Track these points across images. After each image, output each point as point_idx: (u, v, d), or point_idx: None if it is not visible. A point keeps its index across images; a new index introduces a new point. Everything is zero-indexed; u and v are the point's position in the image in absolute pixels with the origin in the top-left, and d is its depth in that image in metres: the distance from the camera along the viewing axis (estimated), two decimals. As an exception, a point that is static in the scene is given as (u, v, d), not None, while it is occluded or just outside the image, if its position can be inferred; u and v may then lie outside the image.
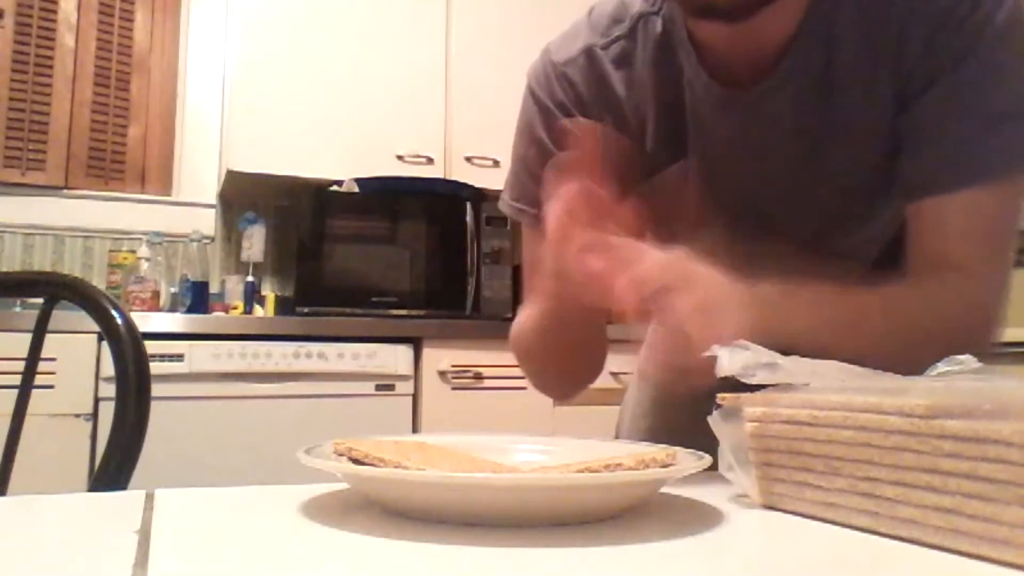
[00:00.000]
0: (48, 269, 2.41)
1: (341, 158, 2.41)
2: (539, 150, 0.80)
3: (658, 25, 0.74)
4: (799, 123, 0.71)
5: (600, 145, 0.60)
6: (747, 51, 0.69)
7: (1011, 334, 2.37)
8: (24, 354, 0.96)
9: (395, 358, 2.11)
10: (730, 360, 0.46)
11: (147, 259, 2.29)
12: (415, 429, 2.13)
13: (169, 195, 2.63)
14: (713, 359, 0.49)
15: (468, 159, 2.49)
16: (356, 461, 0.43)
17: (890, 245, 0.77)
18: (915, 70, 0.67)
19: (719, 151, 0.74)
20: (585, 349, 0.83)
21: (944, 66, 0.65)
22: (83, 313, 0.92)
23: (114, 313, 0.90)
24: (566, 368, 0.85)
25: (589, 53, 0.77)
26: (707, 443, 0.50)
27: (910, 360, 0.49)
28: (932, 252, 0.67)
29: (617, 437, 0.97)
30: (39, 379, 0.97)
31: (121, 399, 0.87)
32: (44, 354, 0.98)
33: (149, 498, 0.47)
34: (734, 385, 0.48)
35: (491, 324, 2.25)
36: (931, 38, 0.65)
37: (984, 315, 0.69)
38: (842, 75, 0.68)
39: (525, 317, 0.82)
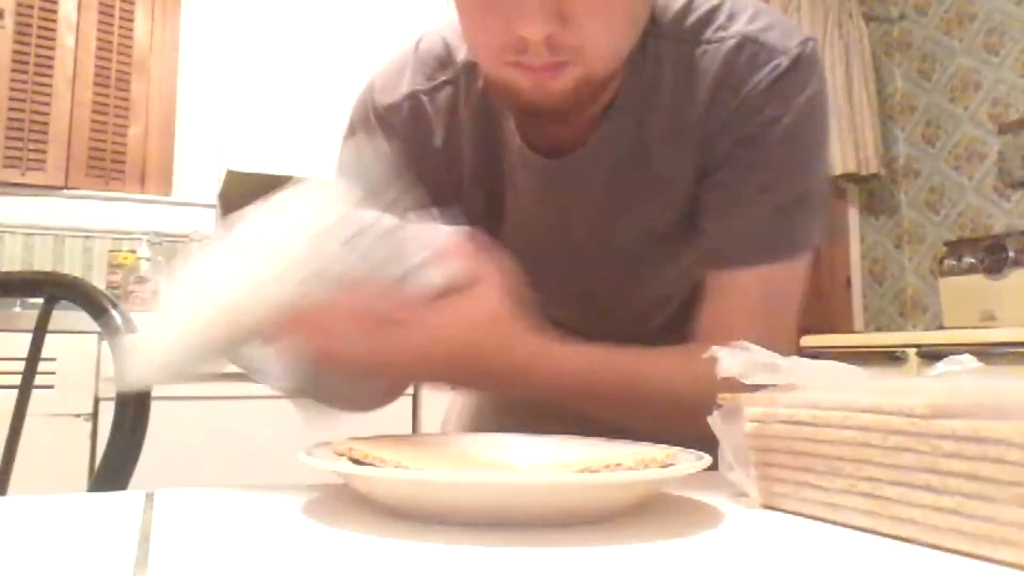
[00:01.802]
0: (48, 269, 2.41)
1: (341, 158, 2.40)
2: None
3: (480, 79, 0.73)
4: (606, 188, 0.72)
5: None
6: (559, 127, 0.69)
7: (1011, 334, 2.36)
8: (24, 354, 0.96)
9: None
10: (730, 360, 0.46)
11: (147, 259, 2.30)
12: (415, 429, 2.13)
13: (169, 195, 2.63)
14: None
15: (468, 159, 2.50)
16: (356, 461, 0.43)
17: (681, 306, 0.79)
18: (715, 146, 0.69)
19: (527, 206, 0.75)
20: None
21: (740, 148, 0.68)
22: (83, 313, 0.92)
23: (114, 313, 0.90)
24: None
25: (413, 99, 0.75)
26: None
27: (660, 424, 0.53)
28: (718, 323, 0.69)
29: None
30: (39, 379, 0.97)
31: (121, 399, 0.87)
32: (44, 354, 0.98)
33: (149, 498, 0.47)
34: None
35: (491, 324, 2.25)
36: (731, 118, 0.68)
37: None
38: (652, 145, 0.70)
39: None
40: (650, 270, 0.78)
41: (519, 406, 0.69)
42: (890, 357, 2.35)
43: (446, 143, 0.75)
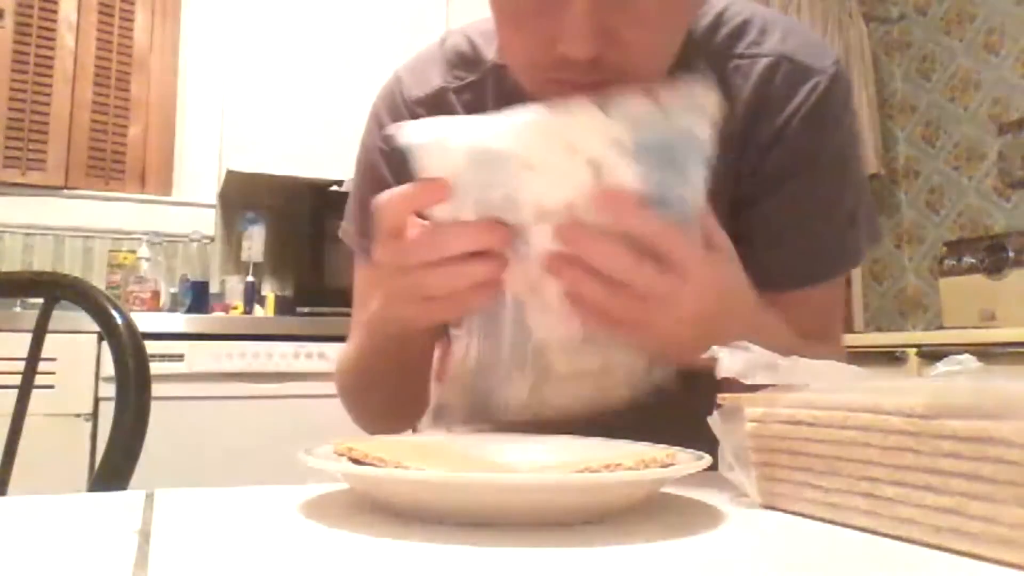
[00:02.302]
0: (48, 269, 2.41)
1: (341, 158, 2.40)
2: (380, 189, 0.76)
3: (509, 79, 0.72)
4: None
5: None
6: None
7: (1011, 334, 2.36)
8: (24, 354, 0.96)
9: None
10: (730, 360, 0.46)
11: (147, 259, 2.30)
12: (415, 429, 2.13)
13: (169, 195, 2.63)
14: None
15: (468, 159, 2.49)
16: (356, 461, 0.43)
17: None
18: (759, 167, 0.70)
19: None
20: (407, 382, 0.77)
21: (790, 173, 0.69)
22: (83, 313, 0.92)
23: (114, 313, 0.90)
24: (386, 407, 0.81)
25: (441, 95, 0.75)
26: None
27: None
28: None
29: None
30: (39, 379, 0.97)
31: (121, 399, 0.87)
32: (44, 354, 0.98)
33: (149, 498, 0.47)
34: None
35: (491, 324, 2.25)
36: (774, 140, 0.68)
37: None
38: None
39: (347, 354, 0.79)
40: None
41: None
42: (890, 357, 2.35)
43: None
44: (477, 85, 0.74)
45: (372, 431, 0.86)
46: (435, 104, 0.75)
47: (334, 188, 2.39)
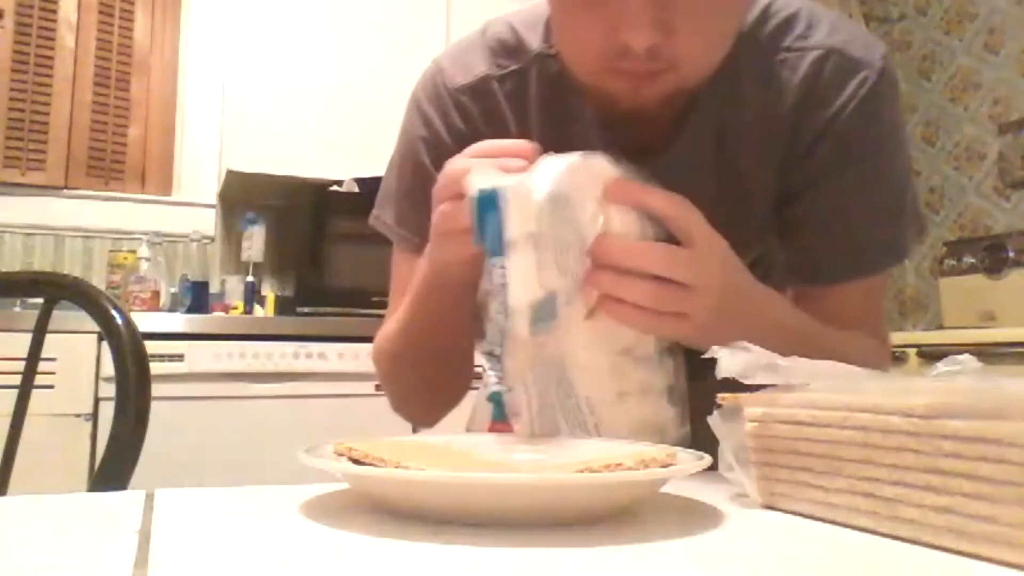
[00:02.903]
0: (48, 269, 2.41)
1: (341, 158, 2.41)
2: (422, 179, 0.76)
3: (553, 68, 0.73)
4: (689, 192, 0.72)
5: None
6: (642, 128, 0.69)
7: (1011, 334, 2.35)
8: (24, 354, 0.96)
9: (395, 358, 2.11)
10: (730, 361, 0.46)
11: (147, 259, 2.30)
12: (415, 429, 2.13)
13: (169, 195, 2.63)
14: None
15: (468, 159, 2.49)
16: (356, 461, 0.43)
17: None
18: (808, 160, 0.70)
19: None
20: (449, 360, 0.79)
21: (840, 166, 0.69)
22: (83, 313, 0.93)
23: (114, 313, 0.90)
24: (429, 383, 0.82)
25: (486, 83, 0.75)
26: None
27: None
28: (836, 324, 0.70)
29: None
30: (39, 379, 0.97)
31: (121, 399, 0.87)
32: (44, 354, 0.98)
33: (149, 498, 0.47)
34: None
35: (491, 324, 2.25)
36: (824, 133, 0.69)
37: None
38: (734, 152, 0.71)
39: (388, 330, 0.80)
40: None
41: None
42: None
43: (516, 131, 0.74)
44: (520, 74, 0.74)
45: (413, 415, 0.88)
46: (478, 92, 0.75)
47: (334, 188, 2.39)
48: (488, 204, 0.52)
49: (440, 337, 0.75)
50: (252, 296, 2.45)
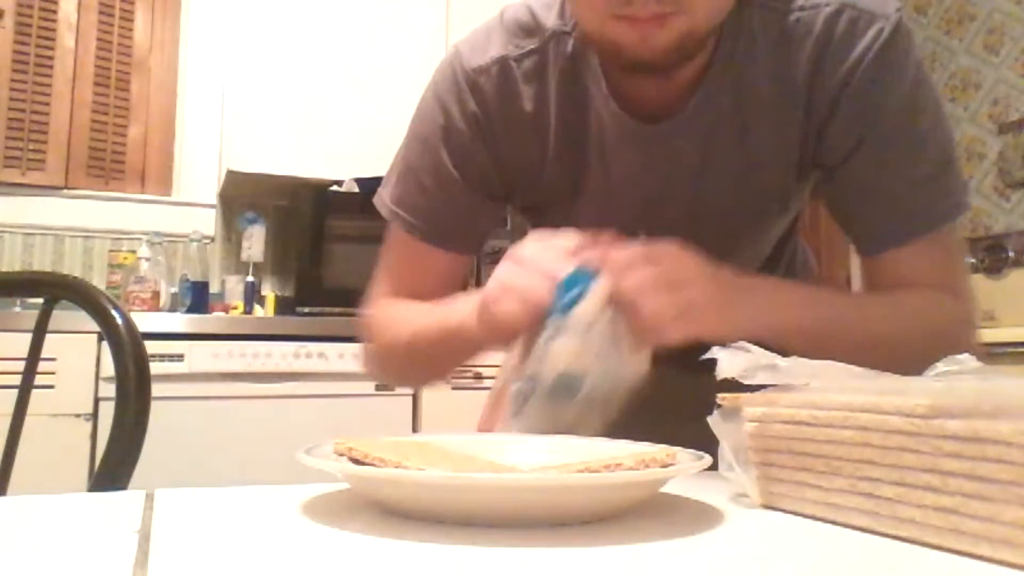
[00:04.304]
0: (48, 269, 2.41)
1: (341, 158, 2.41)
2: (433, 165, 0.78)
3: (569, 45, 0.73)
4: (704, 158, 0.72)
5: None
6: (658, 88, 0.70)
7: (1011, 334, 2.35)
8: (24, 354, 0.96)
9: (395, 358, 2.11)
10: (730, 362, 0.46)
11: (147, 259, 2.29)
12: (415, 429, 2.13)
13: (169, 195, 2.63)
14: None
15: (468, 159, 2.49)
16: (356, 461, 0.43)
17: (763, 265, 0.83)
18: (828, 130, 0.69)
19: (620, 177, 0.75)
20: (447, 369, 0.83)
21: (868, 126, 0.68)
22: (83, 313, 0.92)
23: (114, 313, 0.90)
24: (434, 373, 0.85)
25: (502, 64, 0.75)
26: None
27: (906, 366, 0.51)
28: (908, 285, 0.70)
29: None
30: (39, 379, 0.97)
31: (121, 399, 0.87)
32: (44, 354, 0.98)
33: (149, 498, 0.47)
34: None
35: (491, 324, 2.25)
36: (842, 90, 0.68)
37: (971, 327, 0.73)
38: (753, 118, 0.70)
39: (392, 321, 0.80)
40: (738, 243, 0.79)
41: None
42: (890, 357, 2.34)
43: (534, 111, 0.75)
44: (538, 52, 0.74)
45: (389, 379, 0.95)
46: (496, 73, 0.75)
47: (334, 188, 2.39)
48: (577, 279, 0.58)
49: (448, 362, 0.79)
50: (252, 296, 2.45)
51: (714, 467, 0.47)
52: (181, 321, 2.01)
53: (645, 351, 0.59)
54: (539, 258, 0.60)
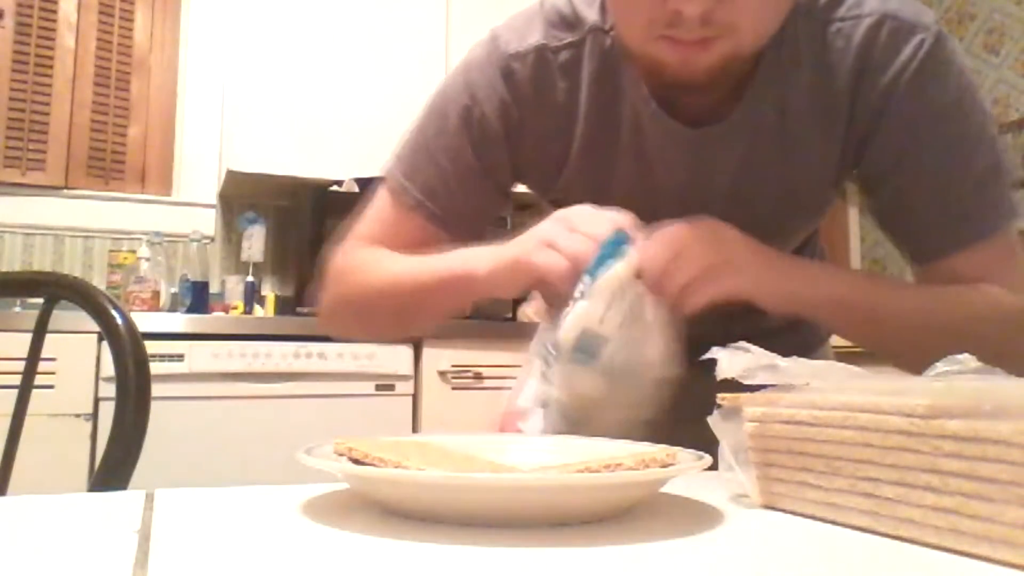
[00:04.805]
0: (48, 269, 2.41)
1: (341, 158, 2.41)
2: (451, 145, 0.76)
3: (607, 43, 0.73)
4: (745, 163, 0.72)
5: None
6: (700, 95, 0.69)
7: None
8: (24, 354, 0.96)
9: (395, 358, 2.11)
10: (730, 362, 0.46)
11: (147, 259, 2.29)
12: (415, 429, 2.13)
13: (169, 195, 2.63)
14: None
15: (468, 159, 2.49)
16: (356, 461, 0.43)
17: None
18: (873, 139, 0.69)
19: (660, 177, 0.74)
20: (426, 318, 0.81)
21: (906, 142, 0.68)
22: (83, 313, 0.92)
23: (114, 313, 0.90)
24: (407, 320, 0.83)
25: (540, 52, 0.74)
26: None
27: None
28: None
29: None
30: (39, 379, 0.97)
31: (121, 399, 0.87)
32: (44, 354, 0.98)
33: (149, 498, 0.47)
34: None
35: (491, 324, 2.25)
36: (886, 100, 0.68)
37: None
38: (795, 126, 0.70)
39: (388, 264, 0.78)
40: (777, 239, 0.78)
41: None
42: (890, 357, 2.34)
43: (565, 104, 0.74)
44: (575, 46, 0.74)
45: (349, 331, 0.94)
46: (532, 60, 0.74)
47: (334, 188, 2.38)
48: (612, 244, 0.58)
49: (434, 309, 0.77)
50: (252, 296, 2.44)
51: (714, 467, 0.47)
52: (181, 321, 2.01)
53: (674, 337, 0.59)
54: (587, 221, 0.60)
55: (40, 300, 0.98)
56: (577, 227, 0.60)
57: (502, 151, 0.76)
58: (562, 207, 0.79)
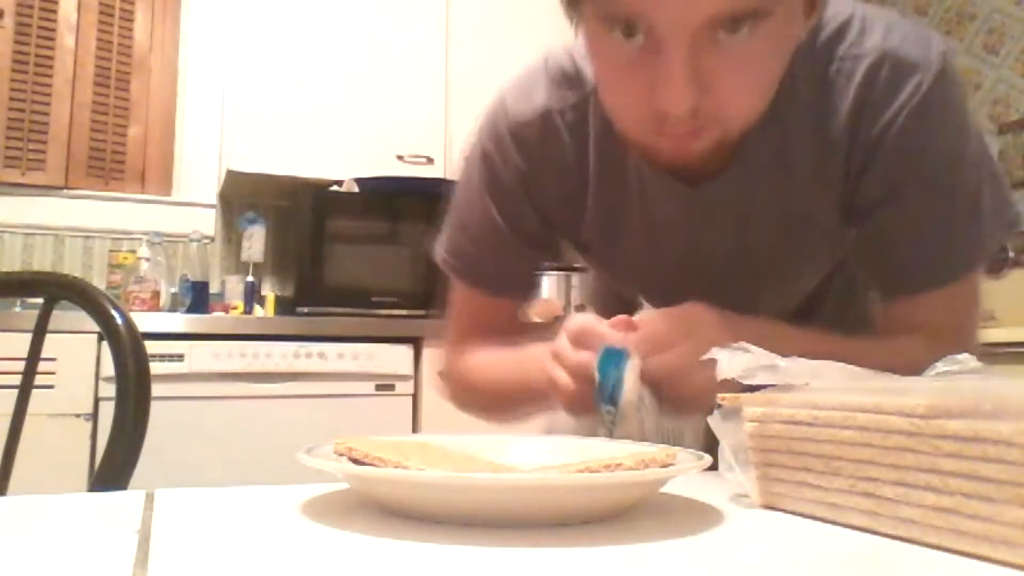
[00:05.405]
0: (48, 269, 2.41)
1: (341, 158, 2.41)
2: (482, 218, 0.80)
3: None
4: (747, 212, 0.73)
5: None
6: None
7: (1011, 334, 2.35)
8: (24, 354, 0.96)
9: (395, 358, 2.11)
10: (730, 362, 0.46)
11: (147, 259, 2.29)
12: (415, 429, 2.13)
13: (169, 195, 2.63)
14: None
15: (468, 159, 2.49)
16: (356, 461, 0.43)
17: (801, 304, 0.83)
18: (866, 177, 0.69)
19: (662, 228, 0.75)
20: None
21: (905, 176, 0.68)
22: (83, 313, 0.92)
23: (114, 313, 0.90)
24: (522, 415, 0.86)
25: (546, 117, 0.76)
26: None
27: None
28: (919, 329, 0.70)
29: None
30: (39, 379, 0.97)
31: (121, 399, 0.87)
32: (44, 354, 0.98)
33: (149, 498, 0.47)
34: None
35: (491, 324, 2.25)
36: (882, 141, 0.68)
37: None
38: (795, 168, 0.70)
39: (471, 368, 0.83)
40: (781, 284, 0.80)
41: None
42: (890, 357, 2.34)
43: (575, 161, 0.76)
44: (580, 106, 0.75)
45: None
46: (540, 125, 0.76)
47: (334, 188, 2.39)
48: (611, 361, 0.60)
49: (522, 408, 0.81)
50: (252, 296, 2.45)
51: (714, 467, 0.47)
52: (181, 321, 2.01)
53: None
54: (565, 354, 0.62)
55: (40, 300, 0.98)
56: (562, 360, 0.63)
57: (528, 211, 0.79)
58: (588, 253, 0.84)
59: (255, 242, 2.53)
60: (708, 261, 0.75)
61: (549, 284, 2.50)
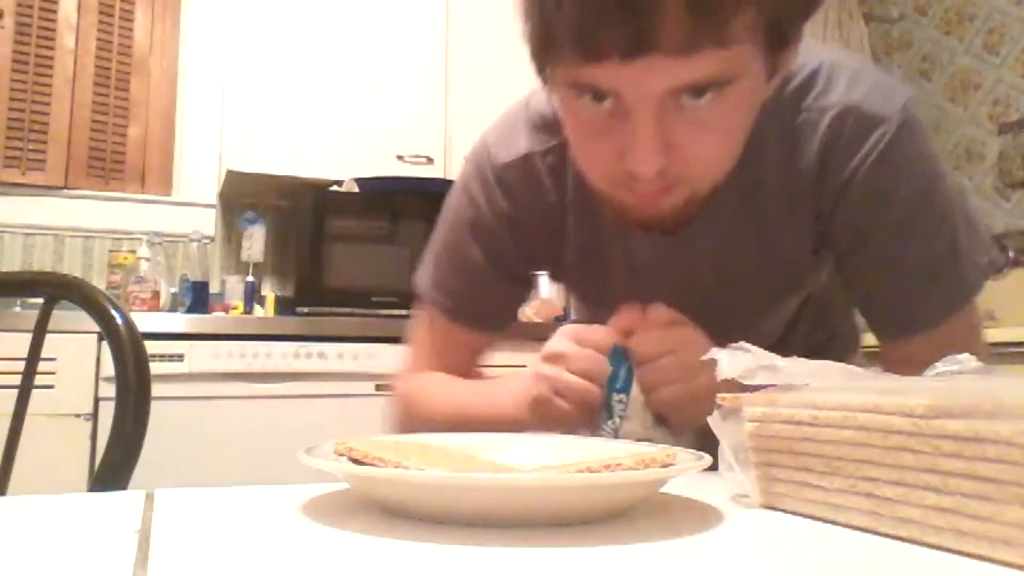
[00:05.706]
0: (48, 269, 2.41)
1: (341, 158, 2.41)
2: (463, 254, 0.81)
3: None
4: (723, 255, 0.74)
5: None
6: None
7: (1011, 334, 2.35)
8: (24, 354, 0.96)
9: (395, 358, 2.11)
10: (730, 362, 0.46)
11: (147, 259, 2.29)
12: (415, 429, 2.13)
13: (169, 195, 2.63)
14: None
15: (468, 159, 2.49)
16: (356, 461, 0.43)
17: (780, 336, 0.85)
18: (838, 220, 0.70)
19: (644, 270, 0.77)
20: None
21: (873, 226, 0.69)
22: (83, 313, 0.92)
23: (114, 313, 0.90)
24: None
25: (528, 160, 0.77)
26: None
27: None
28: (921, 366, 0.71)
29: None
30: (39, 379, 0.97)
31: (121, 399, 0.87)
32: (44, 354, 0.98)
33: (149, 498, 0.47)
34: None
35: (491, 324, 2.25)
36: (847, 191, 0.69)
37: None
38: (766, 212, 0.72)
39: (446, 393, 0.84)
40: (767, 313, 0.81)
41: None
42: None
43: (556, 202, 0.78)
44: (559, 149, 0.76)
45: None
46: (522, 168, 0.78)
47: (334, 188, 2.39)
48: (620, 353, 0.65)
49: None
50: (252, 296, 2.44)
51: (714, 467, 0.47)
52: (181, 321, 2.01)
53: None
54: (579, 357, 0.65)
55: (40, 300, 0.98)
56: (575, 365, 0.65)
57: (511, 251, 0.81)
58: (573, 286, 0.86)
59: (255, 242, 2.53)
60: (692, 294, 0.76)
61: (549, 284, 2.50)
